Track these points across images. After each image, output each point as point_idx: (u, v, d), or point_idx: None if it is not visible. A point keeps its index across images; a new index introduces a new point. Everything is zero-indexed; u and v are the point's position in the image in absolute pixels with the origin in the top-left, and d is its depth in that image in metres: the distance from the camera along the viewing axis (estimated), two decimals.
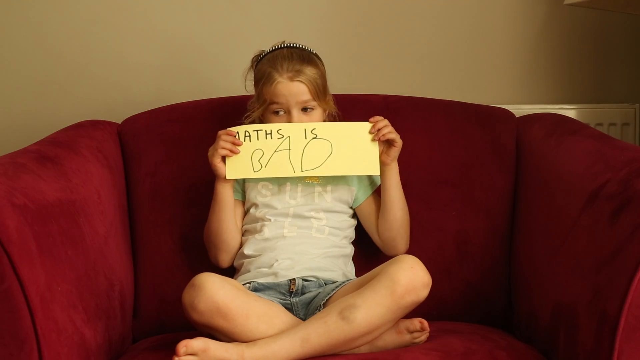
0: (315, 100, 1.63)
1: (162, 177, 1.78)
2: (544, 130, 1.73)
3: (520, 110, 1.93)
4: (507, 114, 1.84)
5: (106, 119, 1.89)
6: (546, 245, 1.52)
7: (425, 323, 1.43)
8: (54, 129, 1.79)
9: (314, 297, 1.52)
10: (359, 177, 1.68)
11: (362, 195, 1.69)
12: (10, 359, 1.23)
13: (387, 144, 1.61)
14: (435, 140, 1.79)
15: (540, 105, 2.07)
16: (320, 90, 1.63)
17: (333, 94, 1.77)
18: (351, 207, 1.69)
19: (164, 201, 1.77)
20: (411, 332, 1.43)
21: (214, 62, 2.07)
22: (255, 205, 1.67)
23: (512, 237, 1.73)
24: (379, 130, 1.59)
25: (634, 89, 2.13)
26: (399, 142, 1.61)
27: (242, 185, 1.69)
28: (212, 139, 1.80)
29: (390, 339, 1.43)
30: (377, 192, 1.69)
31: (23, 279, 1.23)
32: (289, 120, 1.61)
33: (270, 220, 1.63)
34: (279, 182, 1.66)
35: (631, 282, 1.23)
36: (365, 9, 2.07)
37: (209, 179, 1.78)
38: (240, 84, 1.71)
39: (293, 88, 1.60)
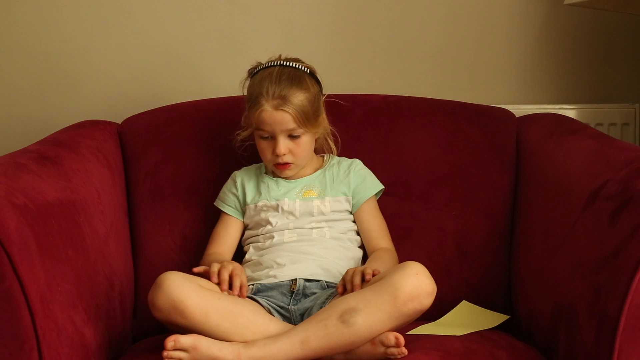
0: (301, 128, 1.61)
1: (162, 177, 1.78)
2: (544, 130, 1.73)
3: (520, 110, 1.93)
4: (507, 114, 1.84)
5: (106, 119, 1.89)
6: (546, 245, 1.52)
7: (402, 339, 1.35)
8: (54, 129, 1.79)
9: (314, 305, 1.50)
10: (355, 187, 1.68)
11: (357, 202, 1.68)
12: (10, 359, 1.23)
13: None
14: (435, 140, 1.79)
15: (540, 105, 2.07)
16: (307, 117, 1.61)
17: (333, 94, 1.76)
18: (351, 213, 1.69)
19: (164, 201, 1.77)
20: (386, 345, 1.36)
21: (214, 62, 2.06)
22: (256, 223, 1.67)
23: (512, 237, 1.73)
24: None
25: (634, 89, 2.13)
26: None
27: (241, 205, 1.70)
28: (212, 139, 1.81)
29: (364, 349, 1.37)
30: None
31: (23, 279, 1.23)
32: (275, 145, 1.62)
33: (271, 236, 1.63)
34: (278, 200, 1.66)
35: (631, 282, 1.23)
36: (366, 9, 2.07)
37: (209, 179, 1.78)
38: (240, 84, 1.71)
39: (277, 117, 1.60)
